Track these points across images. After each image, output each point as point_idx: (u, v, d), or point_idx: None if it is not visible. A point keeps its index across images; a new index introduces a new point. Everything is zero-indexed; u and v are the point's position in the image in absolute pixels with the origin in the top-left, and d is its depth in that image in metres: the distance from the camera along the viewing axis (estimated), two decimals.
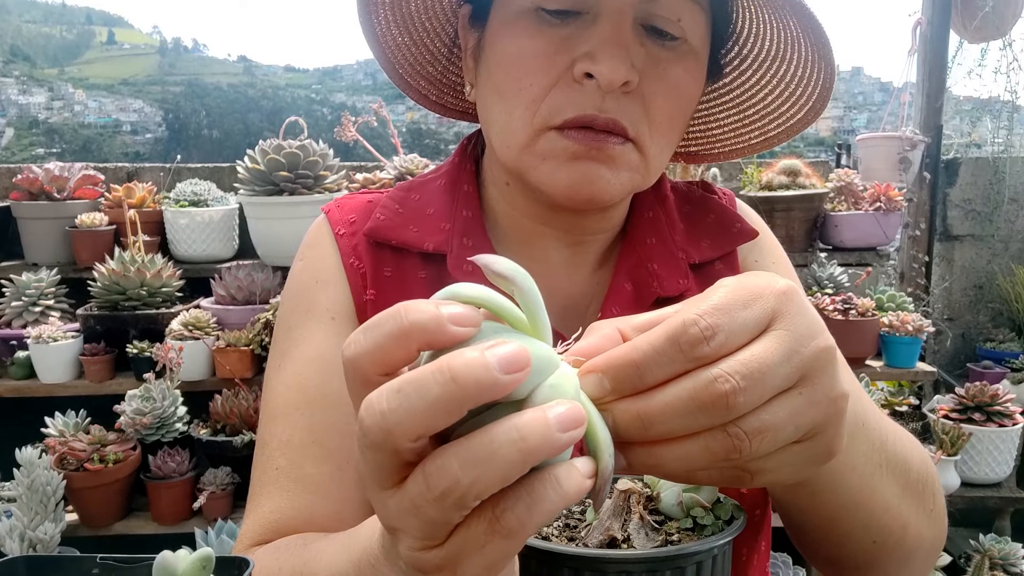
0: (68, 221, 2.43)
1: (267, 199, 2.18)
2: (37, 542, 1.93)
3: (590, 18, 0.64)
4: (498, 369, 0.31)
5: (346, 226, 0.77)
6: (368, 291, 0.73)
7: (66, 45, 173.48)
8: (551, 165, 0.65)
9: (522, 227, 0.75)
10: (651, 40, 0.65)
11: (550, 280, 0.74)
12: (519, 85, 0.65)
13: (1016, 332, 2.89)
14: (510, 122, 0.66)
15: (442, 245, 0.73)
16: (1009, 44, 2.84)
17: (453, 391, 0.31)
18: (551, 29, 0.64)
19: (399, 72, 0.80)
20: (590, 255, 0.76)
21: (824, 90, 0.71)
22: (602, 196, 0.66)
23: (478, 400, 0.31)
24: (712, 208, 0.80)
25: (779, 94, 0.75)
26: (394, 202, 0.77)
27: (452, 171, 0.79)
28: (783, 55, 0.72)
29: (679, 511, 0.49)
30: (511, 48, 0.66)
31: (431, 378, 0.31)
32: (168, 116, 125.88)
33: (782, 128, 0.78)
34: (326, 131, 2.44)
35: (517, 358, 0.31)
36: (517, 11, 0.65)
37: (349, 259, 0.75)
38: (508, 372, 0.31)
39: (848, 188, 2.46)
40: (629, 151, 0.65)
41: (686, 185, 0.83)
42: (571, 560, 0.45)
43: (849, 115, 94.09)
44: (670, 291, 0.72)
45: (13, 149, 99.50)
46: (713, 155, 0.85)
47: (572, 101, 0.63)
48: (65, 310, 2.35)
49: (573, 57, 0.63)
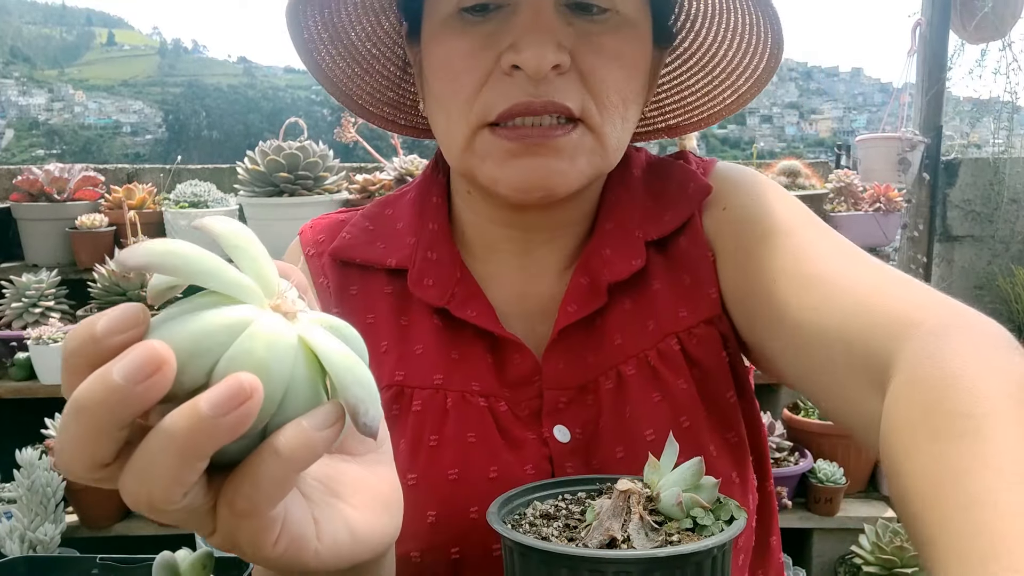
0: (68, 222, 2.43)
1: (267, 200, 2.18)
2: (37, 543, 1.93)
3: (510, 9, 0.63)
4: (124, 380, 0.29)
5: (315, 246, 0.76)
6: (333, 310, 0.73)
7: (66, 46, 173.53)
8: (491, 165, 0.64)
9: (489, 233, 0.73)
10: (579, 17, 0.63)
11: (518, 285, 0.73)
12: (452, 88, 0.65)
13: (1016, 332, 2.88)
14: (449, 126, 0.66)
15: (405, 260, 0.72)
16: (1009, 45, 2.84)
17: (88, 424, 0.30)
18: (474, 27, 0.64)
19: (358, 103, 0.80)
20: (559, 254, 0.74)
21: (775, 33, 0.68)
22: (558, 189, 0.65)
23: (123, 420, 0.31)
24: (674, 174, 0.76)
25: (737, 47, 0.73)
26: (365, 219, 0.77)
27: (422, 184, 0.78)
28: (728, 6, 0.70)
29: (679, 511, 0.49)
30: (440, 54, 0.65)
31: (68, 417, 0.31)
32: (168, 117, 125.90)
33: (751, 82, 0.75)
34: (326, 132, 2.44)
35: (145, 364, 0.30)
36: (442, 17, 0.65)
37: (318, 278, 0.75)
38: (141, 381, 0.29)
39: (848, 189, 2.46)
40: (580, 136, 0.64)
41: (660, 158, 0.80)
42: (570, 560, 0.45)
43: (849, 116, 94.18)
44: (620, 274, 0.70)
45: (13, 150, 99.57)
46: (694, 124, 0.82)
47: (503, 94, 0.62)
48: (65, 311, 2.35)
49: (499, 51, 0.62)
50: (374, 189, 2.28)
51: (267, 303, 0.35)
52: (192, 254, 0.33)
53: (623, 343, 0.69)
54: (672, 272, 0.72)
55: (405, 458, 0.66)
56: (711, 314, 0.71)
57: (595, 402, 0.68)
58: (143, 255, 0.32)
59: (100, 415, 0.30)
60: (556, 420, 0.68)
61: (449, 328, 0.70)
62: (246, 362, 0.32)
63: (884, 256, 2.47)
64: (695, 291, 0.71)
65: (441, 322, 0.71)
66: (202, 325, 0.32)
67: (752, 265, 0.68)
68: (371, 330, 0.71)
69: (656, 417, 0.67)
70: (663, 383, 0.68)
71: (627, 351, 0.69)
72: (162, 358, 0.30)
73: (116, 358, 0.30)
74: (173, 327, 0.32)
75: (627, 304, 0.71)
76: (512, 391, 0.69)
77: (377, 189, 2.28)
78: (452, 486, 0.65)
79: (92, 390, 0.30)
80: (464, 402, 0.68)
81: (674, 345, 0.69)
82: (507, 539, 0.48)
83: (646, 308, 0.71)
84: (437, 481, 0.65)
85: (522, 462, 0.66)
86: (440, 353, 0.70)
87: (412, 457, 0.66)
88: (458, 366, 0.69)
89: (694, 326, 0.70)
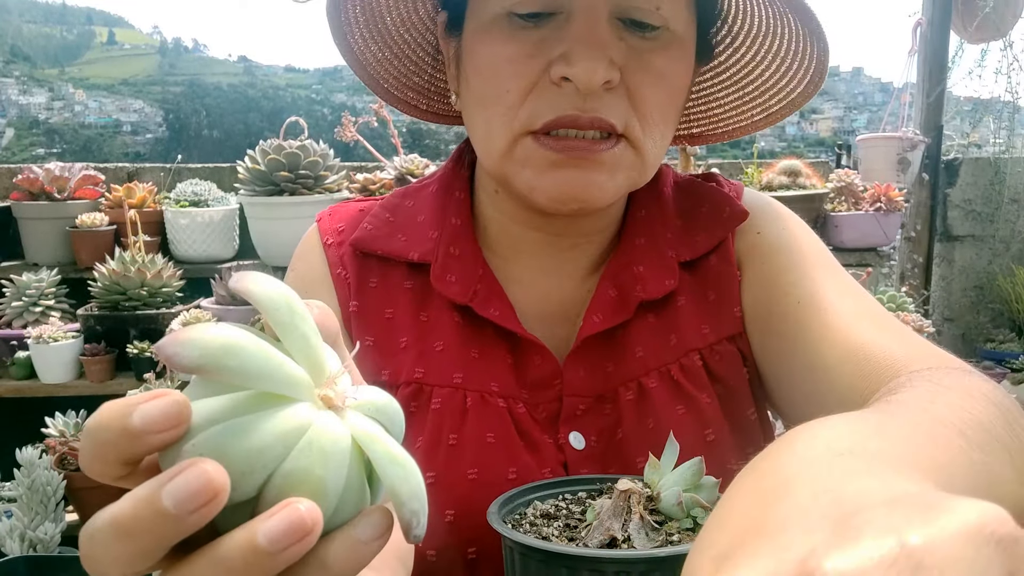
0: (68, 221, 2.43)
1: (267, 199, 2.18)
2: (37, 542, 1.93)
3: (563, 18, 0.62)
4: (176, 509, 0.27)
5: (334, 235, 0.76)
6: (351, 302, 0.72)
7: (66, 45, 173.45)
8: (530, 173, 0.64)
9: (512, 233, 0.73)
10: (631, 33, 0.63)
11: (540, 287, 0.73)
12: (496, 92, 0.64)
13: (1016, 333, 2.89)
14: (490, 130, 0.65)
15: (427, 255, 0.72)
16: (1009, 45, 2.84)
17: (131, 547, 0.28)
18: (524, 33, 0.63)
19: (384, 86, 0.79)
20: (583, 260, 0.74)
21: (820, 63, 0.69)
22: (595, 201, 0.65)
23: (169, 545, 0.28)
24: (707, 197, 0.77)
25: (776, 69, 0.73)
26: (386, 210, 0.76)
27: (445, 177, 0.77)
28: (774, 30, 0.70)
29: (679, 511, 0.49)
30: (486, 55, 0.64)
31: (107, 536, 0.28)
32: (168, 116, 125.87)
33: (784, 103, 0.75)
34: (326, 131, 2.44)
35: (199, 493, 0.27)
36: (490, 17, 0.64)
37: (336, 269, 0.74)
38: (193, 511, 0.27)
39: (848, 188, 2.46)
40: (621, 151, 0.64)
41: (690, 178, 0.81)
42: (570, 560, 0.45)
43: (849, 115, 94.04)
44: (653, 293, 0.70)
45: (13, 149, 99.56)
46: (717, 135, 0.83)
47: (551, 104, 0.62)
48: (65, 310, 2.35)
49: (549, 59, 0.62)
50: (374, 188, 2.28)
51: (316, 392, 0.33)
52: (248, 351, 0.30)
53: (645, 356, 0.70)
54: (698, 289, 0.73)
55: (423, 456, 0.66)
56: (733, 332, 0.72)
57: (613, 411, 0.69)
58: (196, 355, 0.29)
59: (145, 540, 0.28)
60: (572, 426, 0.68)
61: (470, 326, 0.70)
62: (304, 481, 0.30)
63: (885, 256, 2.47)
64: (719, 308, 0.72)
65: (462, 319, 0.70)
66: (257, 441, 0.29)
67: (780, 286, 0.70)
68: (390, 325, 0.71)
69: (682, 429, 0.66)
70: (687, 397, 0.69)
71: (649, 364, 0.70)
72: (218, 487, 0.27)
73: (165, 478, 0.27)
74: (224, 439, 0.29)
75: (651, 318, 0.71)
76: (531, 393, 0.69)
77: (377, 188, 2.28)
78: (472, 486, 0.65)
79: (138, 515, 0.27)
80: (483, 402, 0.68)
81: (697, 361, 0.70)
82: (507, 539, 0.48)
83: (670, 323, 0.71)
84: (456, 480, 0.65)
85: (540, 465, 0.66)
86: (460, 351, 0.70)
87: (431, 455, 0.66)
88: (478, 365, 0.69)
89: (716, 343, 0.71)
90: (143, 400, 0.29)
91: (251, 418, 0.30)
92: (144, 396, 0.29)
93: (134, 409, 0.28)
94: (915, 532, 0.22)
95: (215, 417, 0.30)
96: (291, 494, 0.30)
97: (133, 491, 0.28)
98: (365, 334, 0.71)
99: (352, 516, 0.32)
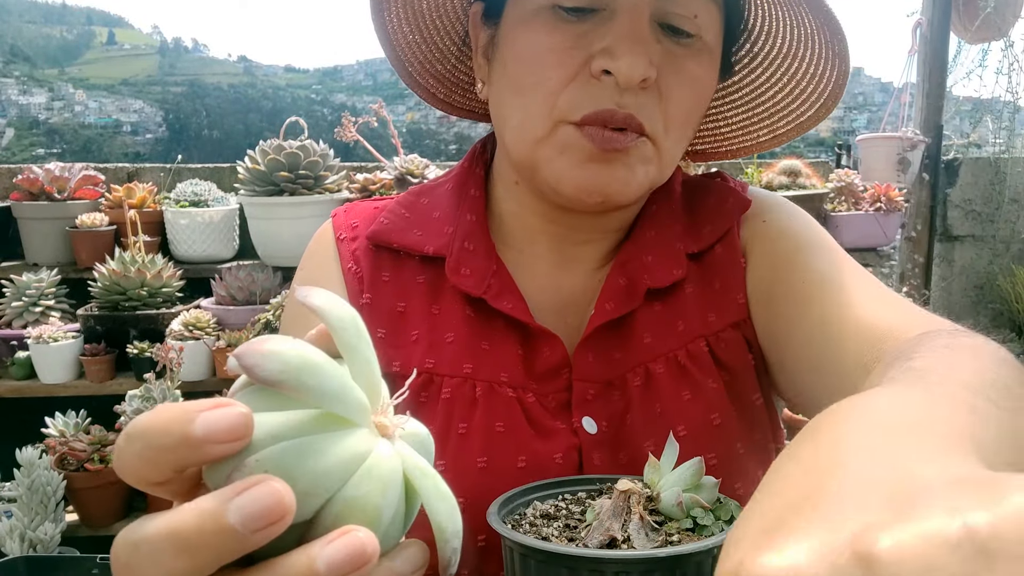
0: (68, 221, 2.43)
1: (267, 199, 2.18)
2: (37, 542, 1.93)
3: (607, 15, 0.63)
4: (242, 527, 0.26)
5: (348, 230, 0.77)
6: (364, 295, 0.73)
7: (66, 45, 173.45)
8: (566, 161, 0.65)
9: (528, 226, 0.75)
10: (667, 37, 0.64)
11: (552, 279, 0.74)
12: (536, 79, 0.65)
13: (1016, 333, 2.89)
14: (527, 117, 0.66)
15: (442, 249, 0.73)
16: (1010, 45, 2.84)
17: (189, 562, 0.27)
18: (568, 25, 0.64)
19: (408, 70, 0.81)
20: (595, 254, 0.75)
21: (837, 87, 0.71)
22: (618, 198, 0.66)
23: (227, 561, 0.27)
24: (713, 191, 0.78)
25: (789, 92, 0.75)
26: (402, 207, 0.78)
27: (460, 175, 0.79)
28: (796, 52, 0.71)
29: (679, 511, 0.49)
30: (528, 44, 0.66)
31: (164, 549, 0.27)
32: (168, 116, 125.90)
33: (792, 125, 0.77)
34: (326, 131, 2.43)
35: (267, 513, 0.27)
36: (534, 8, 0.65)
37: (347, 264, 0.75)
38: (258, 530, 0.27)
39: (848, 188, 2.46)
40: (647, 151, 0.65)
41: (697, 176, 0.82)
42: (570, 560, 0.45)
43: (849, 115, 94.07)
44: (661, 282, 0.72)
45: (13, 149, 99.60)
46: (720, 153, 0.84)
47: (590, 96, 0.63)
48: (65, 310, 2.35)
49: (590, 53, 0.63)
50: (374, 188, 2.28)
51: (372, 418, 0.33)
52: (325, 371, 0.30)
53: (652, 342, 0.71)
54: (705, 279, 0.74)
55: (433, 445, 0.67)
56: (738, 318, 0.73)
57: (622, 397, 0.70)
58: (278, 370, 0.29)
59: (203, 556, 0.27)
60: (584, 412, 0.69)
61: (481, 318, 0.71)
62: (363, 509, 0.30)
63: (885, 256, 2.47)
64: (724, 296, 0.73)
65: (473, 312, 0.72)
66: (324, 463, 0.29)
67: (785, 266, 0.71)
68: (401, 319, 0.73)
69: (688, 414, 0.68)
70: (693, 382, 0.70)
71: (656, 350, 0.71)
72: (287, 506, 0.27)
73: (231, 492, 0.27)
74: (291, 458, 0.29)
75: (658, 306, 0.73)
76: (540, 383, 0.70)
77: (377, 188, 2.28)
78: (480, 474, 0.66)
79: (202, 529, 0.27)
80: (492, 392, 0.69)
81: (703, 347, 0.72)
82: (507, 539, 0.48)
83: (677, 311, 0.73)
84: (466, 469, 0.66)
85: (551, 451, 0.67)
86: (470, 343, 0.71)
87: (441, 444, 0.67)
88: (488, 356, 0.70)
89: (721, 330, 0.72)
90: (204, 408, 0.28)
91: (318, 439, 0.30)
92: (205, 403, 0.28)
93: (196, 416, 0.28)
94: (980, 515, 0.21)
95: (279, 433, 0.29)
96: (348, 520, 0.29)
97: (195, 502, 0.27)
98: (377, 327, 0.72)
99: (392, 546, 0.32)
